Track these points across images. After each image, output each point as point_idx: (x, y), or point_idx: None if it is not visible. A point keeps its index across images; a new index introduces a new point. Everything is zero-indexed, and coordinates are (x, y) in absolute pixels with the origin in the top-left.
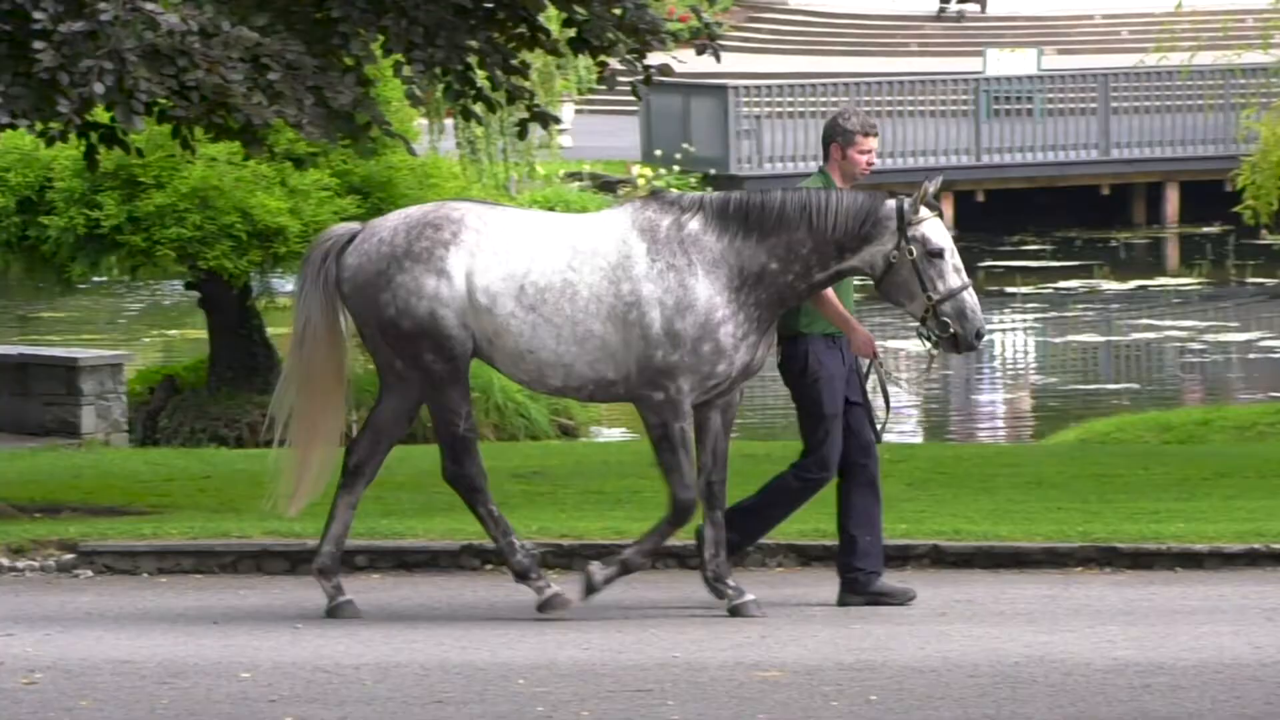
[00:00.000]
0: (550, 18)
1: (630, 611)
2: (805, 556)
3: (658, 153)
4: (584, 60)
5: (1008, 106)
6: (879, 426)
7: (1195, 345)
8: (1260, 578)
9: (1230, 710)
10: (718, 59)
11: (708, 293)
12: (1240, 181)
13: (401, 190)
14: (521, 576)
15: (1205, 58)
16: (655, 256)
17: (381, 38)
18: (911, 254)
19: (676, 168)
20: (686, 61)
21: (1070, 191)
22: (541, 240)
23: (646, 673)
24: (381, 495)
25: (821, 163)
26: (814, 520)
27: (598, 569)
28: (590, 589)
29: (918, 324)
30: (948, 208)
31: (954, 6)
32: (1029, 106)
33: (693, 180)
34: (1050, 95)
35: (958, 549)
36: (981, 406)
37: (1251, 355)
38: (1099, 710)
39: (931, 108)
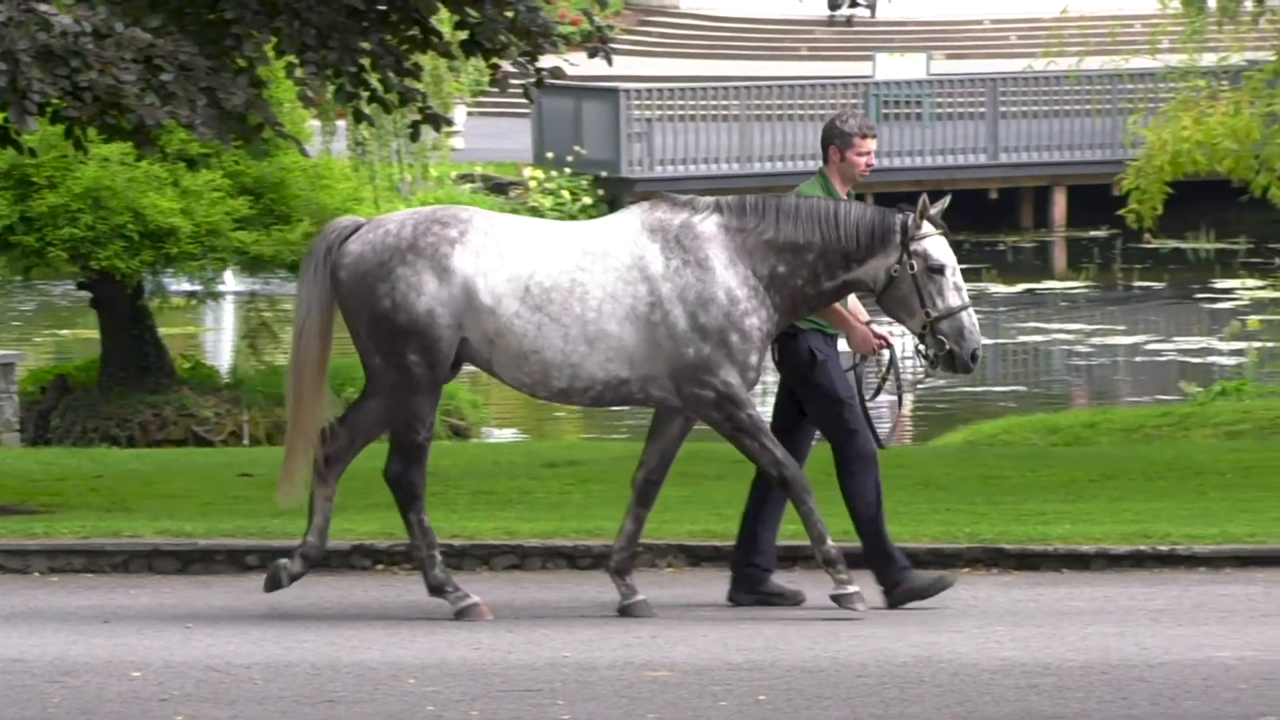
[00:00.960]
0: (442, 20)
1: (520, 612)
2: (695, 557)
3: (549, 155)
4: (475, 62)
5: (896, 110)
6: (890, 427)
7: (1082, 348)
8: (1146, 579)
9: (1116, 711)
10: (609, 62)
11: (727, 285)
12: (1125, 186)
13: (294, 191)
14: (437, 590)
15: (1093, 63)
16: (669, 255)
17: (274, 39)
18: (912, 268)
19: (568, 170)
20: (578, 64)
21: (958, 195)
22: (547, 243)
23: (536, 672)
24: (273, 495)
25: (821, 164)
26: (704, 521)
27: (833, 582)
28: (841, 599)
29: (916, 341)
30: None
31: (844, 11)
32: (918, 110)
33: (584, 183)
34: (939, 99)
35: (846, 550)
36: (870, 409)
37: (1138, 358)
38: (986, 710)
39: (821, 111)
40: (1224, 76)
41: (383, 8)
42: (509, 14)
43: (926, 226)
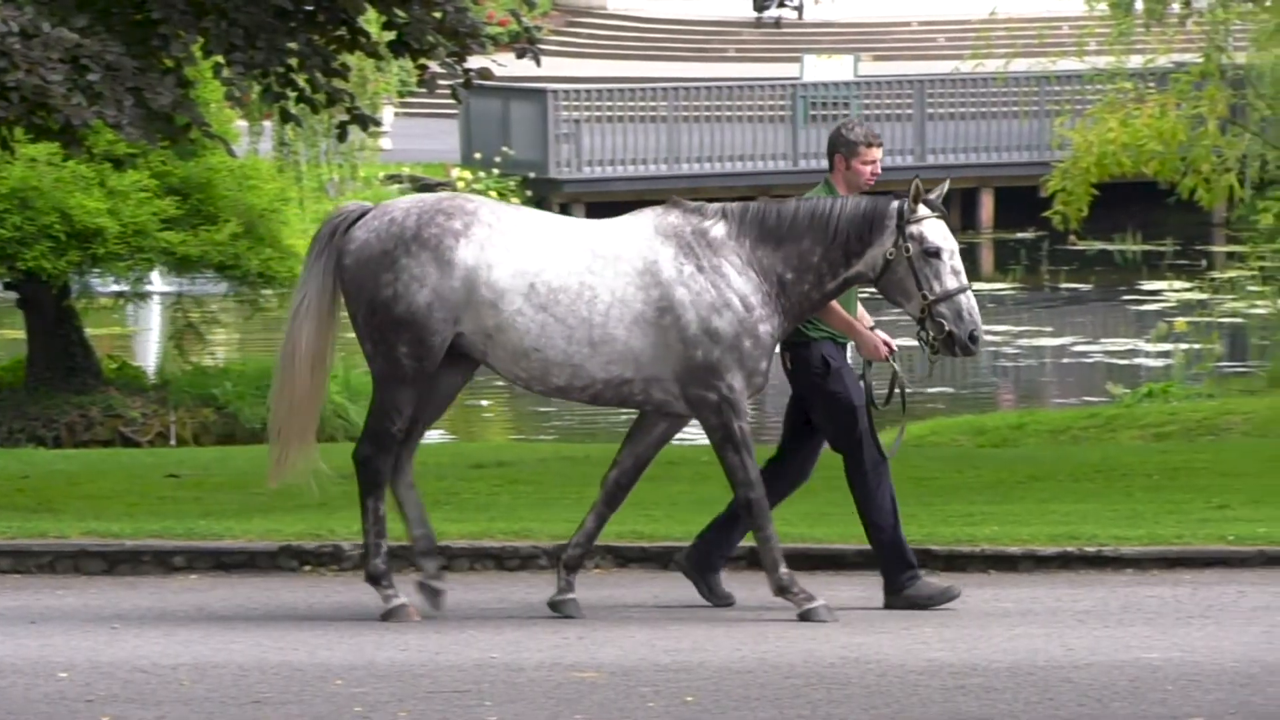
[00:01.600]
0: (370, 20)
1: (448, 613)
2: (623, 558)
3: (477, 156)
4: (401, 63)
5: (825, 112)
6: (898, 438)
7: (1009, 350)
8: (1073, 580)
9: (1043, 712)
10: (537, 63)
11: (741, 291)
12: (1051, 188)
13: (220, 192)
14: (373, 579)
15: (1020, 65)
16: (682, 261)
17: (201, 39)
18: (908, 251)
19: (496, 171)
20: (506, 65)
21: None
22: (557, 242)
23: (464, 673)
24: (200, 496)
25: (827, 173)
26: (632, 522)
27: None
28: (806, 617)
29: (917, 326)
30: None
31: (772, 13)
32: (845, 112)
33: (512, 184)
34: (867, 101)
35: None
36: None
37: (1065, 360)
38: (914, 711)
39: (749, 113)
40: (1151, 79)
41: (310, 8)
42: (437, 15)
43: (922, 209)
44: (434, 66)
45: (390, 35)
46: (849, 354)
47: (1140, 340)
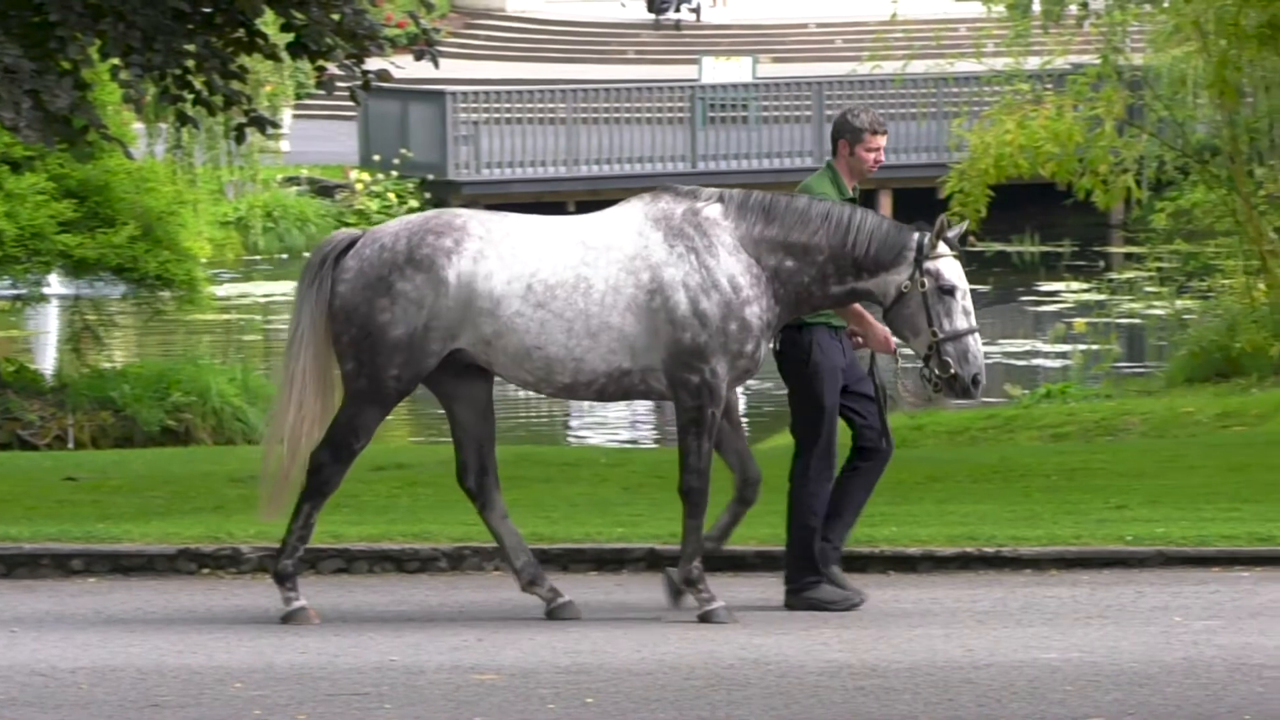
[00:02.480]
0: (268, 22)
1: (348, 615)
2: None
3: (376, 158)
4: (301, 64)
5: (723, 114)
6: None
7: (907, 350)
8: (971, 581)
9: (943, 712)
10: (436, 65)
11: (730, 272)
12: (949, 189)
13: (118, 194)
14: (279, 578)
15: (918, 66)
16: (673, 242)
17: (99, 41)
18: (923, 286)
19: (395, 173)
20: (404, 67)
21: None
22: (549, 240)
23: (364, 676)
24: (98, 499)
25: (830, 158)
26: (532, 524)
27: (689, 600)
28: (705, 618)
29: (920, 362)
30: None
31: (670, 15)
32: (744, 114)
33: (410, 185)
34: (765, 103)
35: (675, 553)
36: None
37: None
38: (813, 712)
39: (648, 115)
40: (1048, 80)
41: (208, 10)
42: (335, 16)
43: (942, 247)
44: (332, 68)
45: (288, 37)
46: (849, 347)
47: (1038, 341)
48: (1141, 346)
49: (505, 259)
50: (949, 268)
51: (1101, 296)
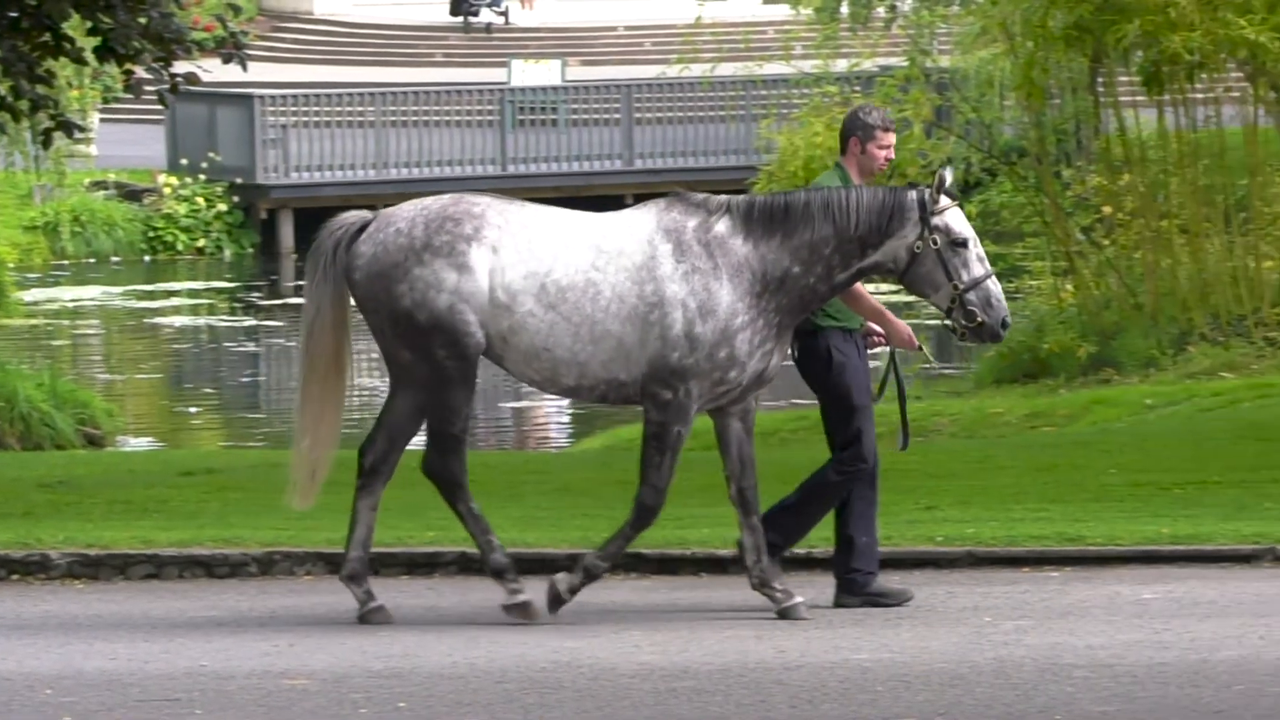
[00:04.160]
0: (74, 26)
1: (158, 621)
2: (334, 564)
3: (184, 161)
4: (101, 67)
5: (532, 117)
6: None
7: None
8: (782, 583)
9: (755, 714)
10: (244, 68)
11: (730, 298)
12: (757, 190)
13: None
14: (499, 574)
15: (727, 69)
16: (681, 258)
17: None
18: (935, 244)
19: (203, 177)
20: (212, 70)
21: (595, 201)
22: (565, 239)
23: (174, 681)
24: None
25: (839, 156)
26: (343, 529)
27: (563, 579)
28: (557, 600)
29: (944, 315)
30: None
31: (482, 19)
32: (553, 117)
33: (219, 189)
34: (574, 106)
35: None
36: (505, 415)
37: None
38: (625, 714)
39: (457, 118)
40: (856, 82)
41: (14, 14)
42: (142, 20)
43: (943, 200)
44: (140, 72)
45: (95, 41)
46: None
47: None
48: (950, 349)
49: (521, 252)
50: (956, 219)
51: (909, 298)
